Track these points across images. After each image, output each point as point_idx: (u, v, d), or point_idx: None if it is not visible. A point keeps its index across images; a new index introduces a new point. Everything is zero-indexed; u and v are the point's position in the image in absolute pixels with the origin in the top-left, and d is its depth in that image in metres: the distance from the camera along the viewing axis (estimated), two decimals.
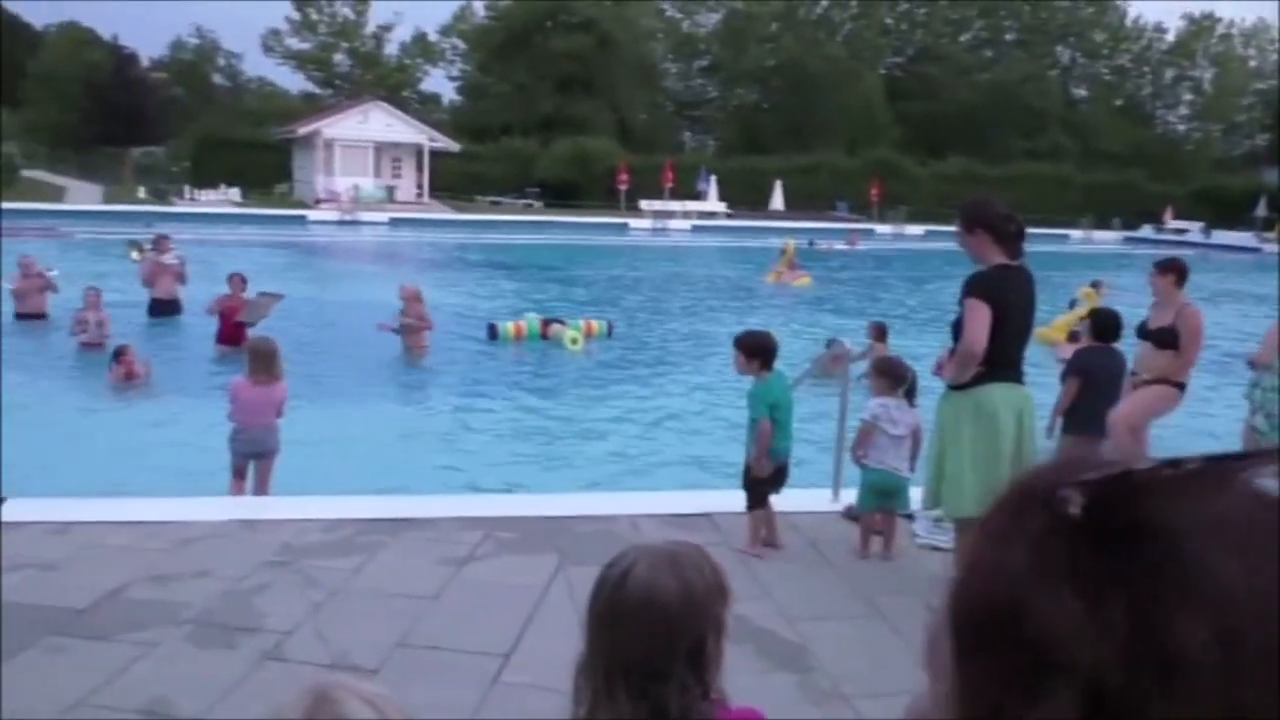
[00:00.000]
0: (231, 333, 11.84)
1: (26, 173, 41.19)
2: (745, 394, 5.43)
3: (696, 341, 14.35)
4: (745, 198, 46.81)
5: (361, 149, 42.93)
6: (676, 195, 44.05)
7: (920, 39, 68.22)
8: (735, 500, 5.57)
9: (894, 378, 5.50)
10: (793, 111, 59.36)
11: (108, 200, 37.56)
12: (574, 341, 13.00)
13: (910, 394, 5.64)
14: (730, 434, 8.40)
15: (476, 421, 9.44)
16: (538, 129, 54.49)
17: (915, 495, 5.17)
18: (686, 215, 42.97)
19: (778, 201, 47.18)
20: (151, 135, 52.94)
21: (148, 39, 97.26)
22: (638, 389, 11.13)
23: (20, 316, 13.32)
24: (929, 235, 40.60)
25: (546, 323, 13.64)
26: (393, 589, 4.59)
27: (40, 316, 13.34)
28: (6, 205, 31.56)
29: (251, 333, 10.50)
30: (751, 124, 63.76)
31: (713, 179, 46.54)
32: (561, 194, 47.37)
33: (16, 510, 5.40)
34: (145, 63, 61.93)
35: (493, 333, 13.41)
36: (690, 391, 10.97)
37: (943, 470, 4.54)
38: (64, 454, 7.77)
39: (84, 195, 38.98)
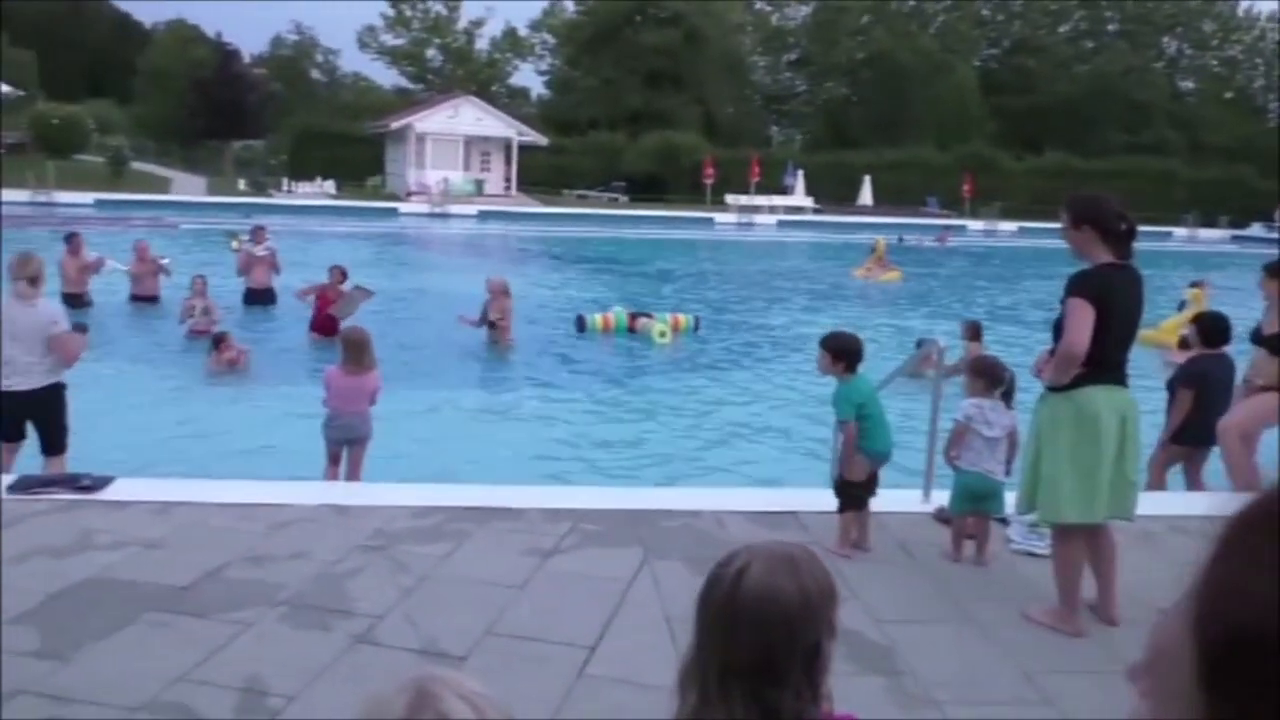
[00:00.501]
0: (324, 322, 12.14)
1: (136, 165, 42.89)
2: (831, 394, 5.33)
3: (783, 337, 14.23)
4: (833, 193, 46.20)
5: (452, 143, 43.66)
6: (763, 190, 43.72)
7: (1017, 30, 66.44)
8: (822, 499, 5.49)
9: (990, 378, 5.34)
10: (883, 105, 58.37)
11: (210, 192, 38.92)
12: (662, 335, 13.01)
13: (1008, 395, 5.48)
14: (818, 432, 8.30)
15: (564, 413, 9.50)
16: (625, 123, 54.67)
17: (1010, 499, 5.02)
18: (773, 210, 42.61)
19: (866, 197, 46.48)
20: (252, 129, 54.64)
21: (250, 36, 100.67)
22: (724, 384, 11.07)
23: (135, 298, 13.92)
24: (1023, 232, 39.53)
25: (634, 316, 13.69)
26: (480, 577, 4.64)
27: (153, 299, 13.90)
28: (118, 196, 33.02)
29: (344, 323, 10.73)
30: (840, 118, 62.94)
31: (800, 173, 46.05)
32: (647, 188, 47.45)
33: (122, 490, 5.62)
34: (247, 59, 63.93)
35: (581, 325, 13.51)
36: (777, 387, 10.88)
37: (1039, 474, 4.39)
38: (167, 435, 8.07)
39: (188, 187, 40.44)
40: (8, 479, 5.70)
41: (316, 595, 4.38)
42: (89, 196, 32.26)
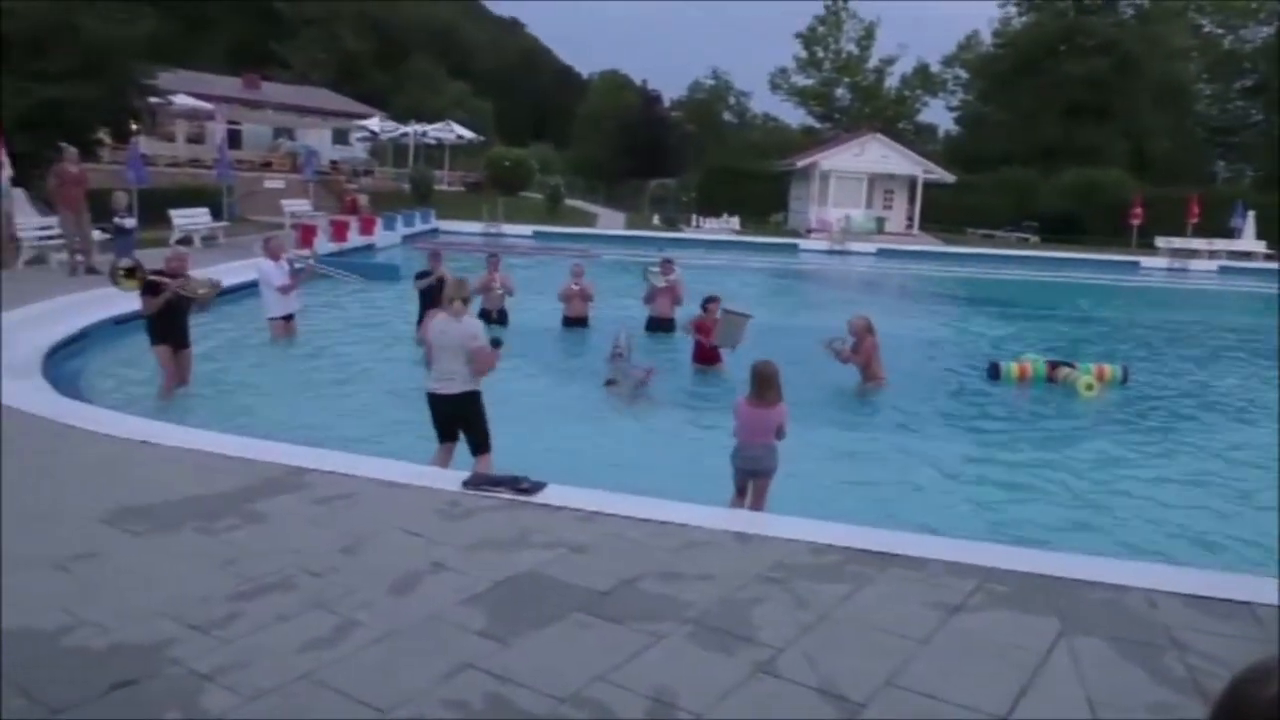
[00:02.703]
0: (705, 352, 12.49)
1: (568, 201, 47.64)
2: None
3: (1231, 397, 12.54)
4: None
5: (856, 180, 43.72)
6: (1202, 232, 39.05)
7: None
8: None
9: None
10: None
11: (628, 226, 42.10)
12: (1089, 388, 12.01)
13: None
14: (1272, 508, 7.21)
15: (973, 463, 9.01)
16: (1039, 159, 51.58)
17: None
18: (1213, 254, 37.94)
19: None
20: (669, 169, 58.43)
21: (671, 81, 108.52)
22: (1158, 445, 9.93)
23: (567, 321, 15.21)
24: None
25: (1053, 365, 12.77)
26: (881, 624, 4.52)
27: (582, 321, 15.15)
28: (552, 228, 36.88)
29: (755, 356, 10.98)
30: None
31: (1250, 214, 40.55)
32: (1061, 228, 44.26)
33: (554, 495, 6.19)
34: (667, 104, 68.69)
35: (995, 372, 12.84)
36: (1224, 454, 9.58)
37: None
38: (583, 449, 8.77)
39: (610, 221, 44.09)
40: (459, 475, 6.51)
41: (720, 618, 4.51)
42: (528, 229, 36.34)
